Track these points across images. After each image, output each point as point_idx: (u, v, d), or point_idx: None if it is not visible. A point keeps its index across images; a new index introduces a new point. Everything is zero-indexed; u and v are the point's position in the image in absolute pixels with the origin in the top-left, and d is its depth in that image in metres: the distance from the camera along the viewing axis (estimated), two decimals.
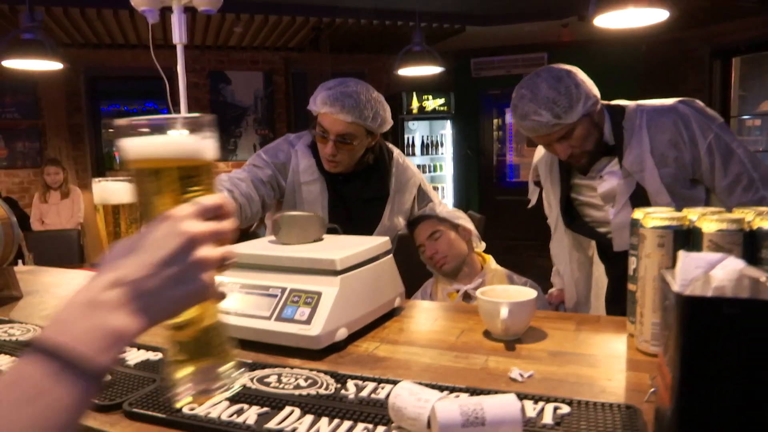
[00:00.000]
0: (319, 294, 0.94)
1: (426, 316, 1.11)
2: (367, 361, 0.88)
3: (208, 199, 0.53)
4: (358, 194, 1.70)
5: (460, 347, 0.92)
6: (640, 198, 1.42)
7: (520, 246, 6.74)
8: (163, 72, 1.88)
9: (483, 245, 2.04)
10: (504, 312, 0.90)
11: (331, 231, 1.20)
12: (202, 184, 0.56)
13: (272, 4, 4.93)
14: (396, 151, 1.84)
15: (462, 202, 7.22)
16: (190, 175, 0.56)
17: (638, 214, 0.91)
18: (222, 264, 0.52)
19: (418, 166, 6.70)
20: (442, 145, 6.82)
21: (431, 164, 6.87)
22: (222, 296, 0.55)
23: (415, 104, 6.51)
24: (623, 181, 1.45)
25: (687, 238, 0.82)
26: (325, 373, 0.82)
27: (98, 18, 4.85)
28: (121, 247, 0.50)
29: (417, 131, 6.78)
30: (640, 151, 1.43)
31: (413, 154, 6.69)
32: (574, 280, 1.75)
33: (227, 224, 0.53)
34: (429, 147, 6.79)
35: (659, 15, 2.37)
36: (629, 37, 5.47)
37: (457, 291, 1.94)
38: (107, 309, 0.45)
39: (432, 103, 6.56)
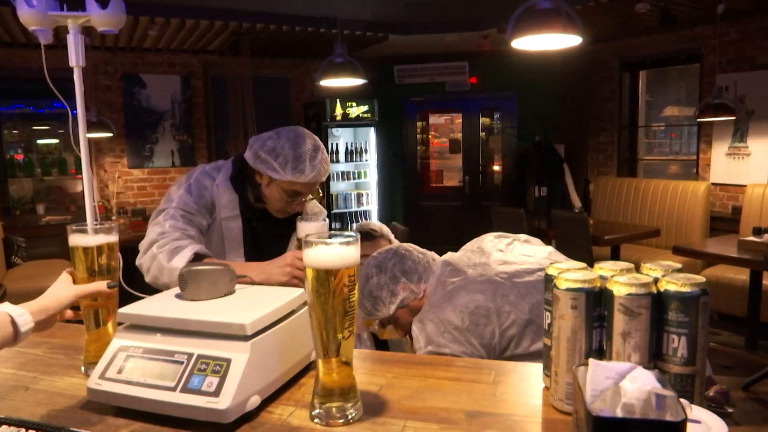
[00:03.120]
0: (228, 361, 0.88)
1: None
2: None
3: None
4: (270, 229, 1.72)
5: (377, 410, 0.89)
6: None
7: (444, 250, 6.85)
8: (71, 73, 1.75)
9: None
10: None
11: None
12: None
13: (189, 8, 4.73)
14: None
15: (387, 207, 7.26)
16: None
17: (552, 270, 0.91)
18: None
19: (342, 173, 6.75)
20: (366, 151, 6.82)
21: (356, 171, 6.87)
22: None
23: (339, 111, 6.47)
24: None
25: (599, 300, 0.83)
26: None
27: None
28: None
29: (341, 138, 6.74)
30: None
31: (337, 161, 6.65)
32: None
33: None
34: (353, 154, 6.77)
35: (573, 40, 2.46)
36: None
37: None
38: None
39: (356, 110, 6.54)
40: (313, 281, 0.83)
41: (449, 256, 1.64)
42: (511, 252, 1.61)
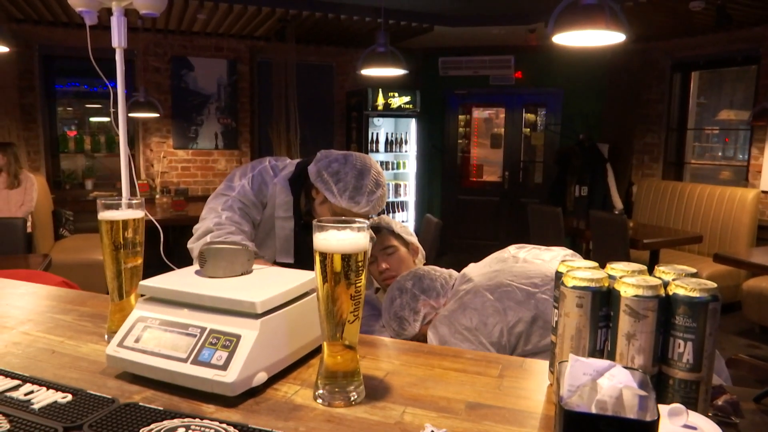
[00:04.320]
0: (238, 337, 0.91)
1: None
2: (283, 410, 0.86)
3: None
4: (309, 241, 1.77)
5: (379, 394, 0.91)
6: None
7: (480, 245, 6.81)
8: (125, 55, 1.84)
9: (423, 262, 2.05)
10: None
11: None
12: None
13: None
14: None
15: (424, 199, 7.25)
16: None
17: (562, 268, 0.90)
18: None
19: (382, 163, 6.76)
20: (406, 142, 6.82)
21: (395, 161, 6.87)
22: None
23: (380, 101, 6.48)
24: None
25: (606, 299, 0.82)
26: (234, 426, 0.79)
27: None
28: None
29: (382, 128, 6.76)
30: None
31: (377, 151, 6.67)
32: None
33: None
34: (393, 144, 6.78)
35: (616, 37, 2.40)
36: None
37: None
38: None
39: (398, 101, 6.54)
40: (320, 265, 0.85)
41: (467, 268, 1.66)
42: (527, 259, 1.60)
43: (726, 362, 1.50)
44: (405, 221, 6.97)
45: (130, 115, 5.36)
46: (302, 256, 1.76)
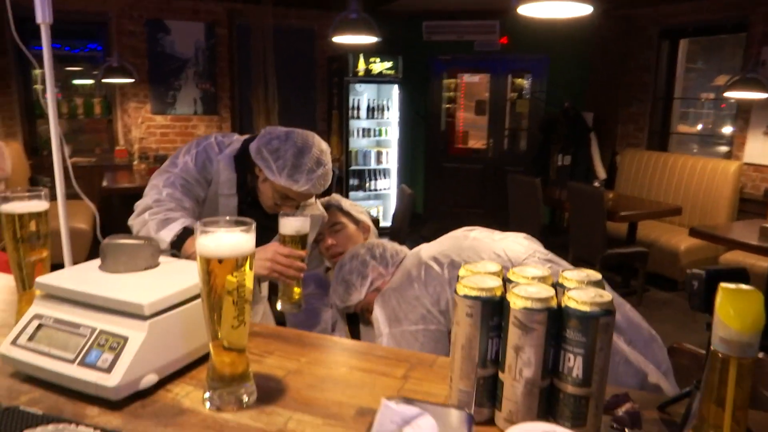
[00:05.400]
0: (125, 339, 0.87)
1: (260, 349, 1.06)
2: (167, 414, 0.83)
3: None
4: (259, 219, 1.70)
5: (272, 397, 0.88)
6: None
7: (463, 213, 6.78)
8: (99, 17, 1.77)
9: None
10: None
11: None
12: None
13: None
14: None
15: (407, 166, 7.18)
16: None
17: (463, 271, 0.86)
18: None
19: (363, 130, 6.67)
20: (388, 109, 6.71)
21: (377, 128, 6.78)
22: None
23: (362, 66, 6.34)
24: None
25: (498, 309, 0.78)
26: None
27: None
28: None
29: (364, 94, 6.63)
30: None
31: (358, 117, 6.57)
32: None
33: None
34: (375, 110, 6.67)
35: (583, 9, 2.31)
36: None
37: None
38: None
39: (379, 66, 6.41)
40: (201, 269, 0.81)
41: (419, 246, 1.63)
42: (477, 237, 1.57)
43: (668, 351, 1.49)
44: (387, 189, 6.91)
45: (104, 80, 5.23)
46: None
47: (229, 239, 0.81)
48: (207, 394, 0.85)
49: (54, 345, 0.90)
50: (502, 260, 1.47)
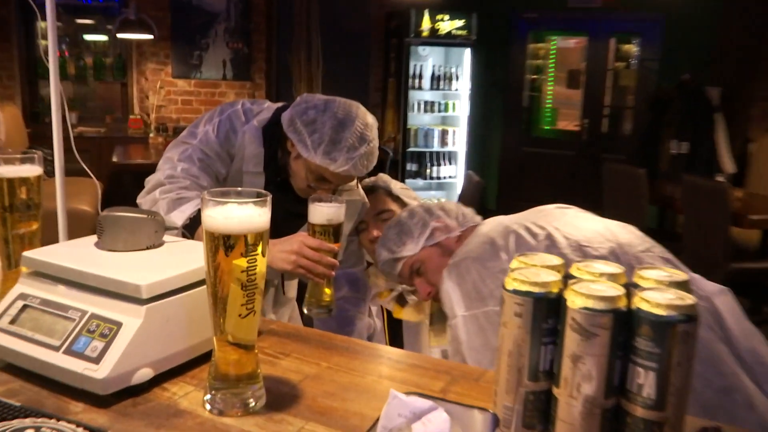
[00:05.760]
0: (119, 325, 0.93)
1: (274, 349, 1.10)
2: (160, 415, 0.88)
3: None
4: (288, 205, 1.74)
5: (284, 404, 0.92)
6: None
7: None
8: None
9: None
10: None
11: None
12: None
13: None
14: None
15: (478, 150, 7.15)
16: None
17: (515, 263, 0.88)
18: None
19: (426, 104, 6.69)
20: (458, 78, 6.69)
21: (442, 102, 6.79)
22: None
23: (426, 25, 6.36)
24: None
25: (553, 309, 0.79)
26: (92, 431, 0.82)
27: None
28: None
29: (429, 58, 6.66)
30: None
31: (420, 88, 6.60)
32: None
33: None
34: (441, 80, 6.67)
35: None
36: None
37: (391, 290, 1.94)
38: None
39: (448, 25, 6.41)
40: (206, 246, 0.85)
41: (496, 216, 1.62)
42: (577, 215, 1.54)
43: None
44: (452, 177, 6.91)
45: (119, 35, 5.46)
46: (276, 221, 1.78)
47: (240, 213, 0.85)
48: (208, 396, 0.90)
49: (39, 329, 0.97)
50: (610, 245, 1.40)
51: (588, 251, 1.38)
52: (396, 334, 1.86)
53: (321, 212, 1.54)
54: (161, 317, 0.95)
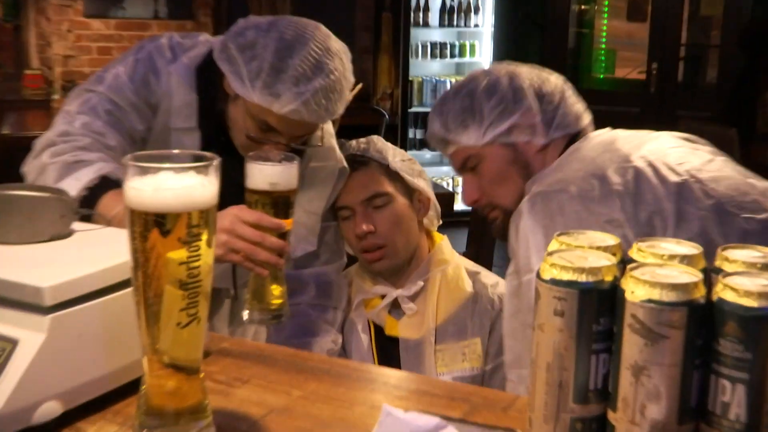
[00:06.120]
0: (14, 343, 0.93)
1: (228, 374, 1.11)
2: None
3: None
4: (229, 172, 1.72)
5: None
6: None
7: None
8: None
9: (436, 224, 2.06)
10: None
11: None
12: None
13: None
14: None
15: None
16: None
17: (554, 244, 0.89)
18: None
19: (433, 46, 6.71)
20: (477, 11, 6.70)
21: (457, 44, 6.80)
22: None
23: None
24: None
25: (608, 304, 0.80)
26: None
27: None
28: None
29: None
30: None
31: (426, 25, 6.60)
32: None
33: None
34: (455, 13, 6.68)
35: None
36: None
37: (382, 297, 1.94)
38: None
39: None
40: (130, 232, 0.85)
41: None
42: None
43: None
44: None
45: None
46: (221, 195, 1.75)
47: (178, 183, 0.85)
48: None
49: None
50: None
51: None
52: (388, 356, 1.86)
53: (260, 173, 1.47)
54: (71, 332, 0.96)
